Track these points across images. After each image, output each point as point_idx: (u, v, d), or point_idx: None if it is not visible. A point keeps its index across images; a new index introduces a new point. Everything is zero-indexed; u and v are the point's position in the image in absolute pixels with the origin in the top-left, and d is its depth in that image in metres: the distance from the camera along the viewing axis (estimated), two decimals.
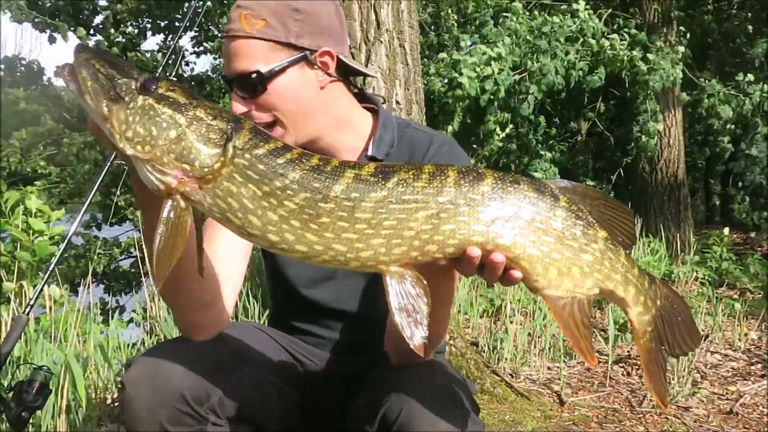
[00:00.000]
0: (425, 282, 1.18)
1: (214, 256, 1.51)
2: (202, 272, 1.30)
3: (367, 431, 1.44)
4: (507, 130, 6.77)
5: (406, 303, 1.16)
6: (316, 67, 1.58)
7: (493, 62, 6.22)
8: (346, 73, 1.68)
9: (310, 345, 1.76)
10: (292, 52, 1.56)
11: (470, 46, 6.54)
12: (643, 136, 7.46)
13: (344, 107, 1.66)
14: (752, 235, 9.01)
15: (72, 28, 8.84)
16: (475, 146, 7.38)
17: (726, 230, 7.69)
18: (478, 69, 6.17)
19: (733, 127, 8.50)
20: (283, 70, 1.55)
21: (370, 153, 1.66)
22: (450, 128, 6.58)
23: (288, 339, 1.76)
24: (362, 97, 1.76)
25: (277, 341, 1.74)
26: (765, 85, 7.33)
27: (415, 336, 1.15)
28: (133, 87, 1.16)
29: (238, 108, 1.56)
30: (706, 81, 7.78)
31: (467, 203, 1.16)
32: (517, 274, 1.21)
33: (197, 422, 1.40)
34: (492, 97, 6.29)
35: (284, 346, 1.74)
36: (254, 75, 1.54)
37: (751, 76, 7.29)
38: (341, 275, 1.73)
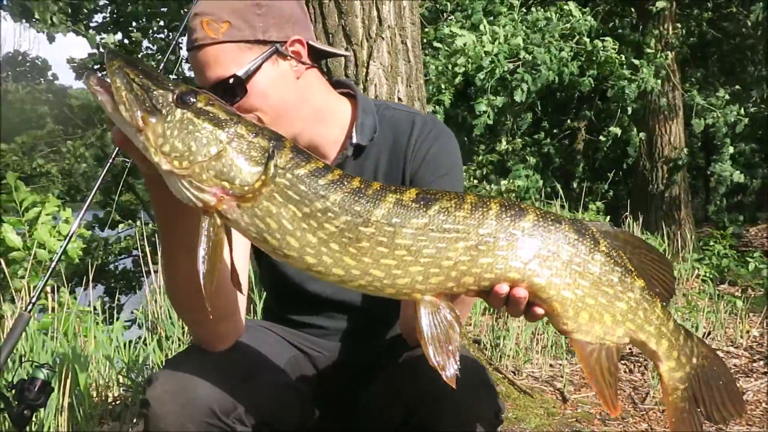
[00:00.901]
0: (457, 313, 1.17)
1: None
2: (239, 286, 1.26)
3: (391, 417, 1.43)
4: (484, 119, 6.70)
5: (438, 333, 1.15)
6: (289, 57, 1.55)
7: (490, 43, 6.17)
8: (317, 58, 1.66)
9: (315, 336, 1.75)
10: (263, 47, 1.53)
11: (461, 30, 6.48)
12: (631, 135, 7.51)
13: (322, 96, 1.64)
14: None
15: (71, 28, 8.83)
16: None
17: (731, 229, 7.70)
18: (476, 46, 6.10)
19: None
20: (258, 68, 1.52)
21: (354, 141, 1.64)
22: (440, 107, 6.51)
23: (291, 333, 1.75)
24: (336, 83, 1.74)
25: (283, 338, 1.74)
26: (742, 108, 7.39)
27: (449, 367, 1.15)
28: (171, 99, 1.12)
29: None
30: (690, 90, 7.83)
31: (507, 238, 1.15)
32: (539, 311, 1.20)
33: None
34: (486, 76, 6.23)
35: (290, 342, 1.73)
36: (232, 79, 1.50)
37: (726, 95, 7.35)
38: None
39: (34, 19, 8.60)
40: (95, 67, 9.75)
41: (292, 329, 1.76)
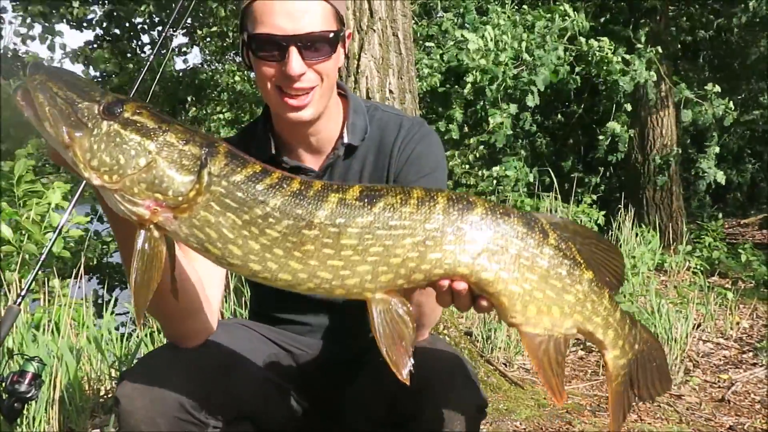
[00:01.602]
0: (410, 308, 1.15)
1: (194, 260, 1.45)
2: (176, 294, 1.23)
3: (375, 409, 1.44)
4: (504, 130, 6.74)
5: (391, 331, 1.14)
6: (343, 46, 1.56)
7: (496, 51, 6.19)
8: None
9: (297, 334, 1.75)
10: (340, 25, 1.52)
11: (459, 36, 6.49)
12: (621, 132, 7.53)
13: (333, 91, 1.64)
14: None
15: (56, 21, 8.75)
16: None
17: (720, 219, 7.74)
18: (482, 53, 6.11)
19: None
20: (344, 39, 1.51)
21: (346, 140, 1.64)
22: (453, 125, 6.55)
23: (275, 331, 1.75)
24: None
25: (265, 335, 1.74)
26: (731, 102, 7.41)
27: (402, 365, 1.14)
28: (96, 111, 1.08)
29: (299, 68, 1.45)
30: (677, 84, 7.84)
31: (455, 232, 1.13)
32: (485, 303, 1.18)
33: (198, 428, 1.39)
34: (497, 86, 6.26)
35: (272, 340, 1.73)
36: (332, 35, 1.46)
37: (718, 88, 7.37)
38: None
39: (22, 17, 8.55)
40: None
41: (274, 327, 1.76)
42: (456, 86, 6.51)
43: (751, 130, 9.23)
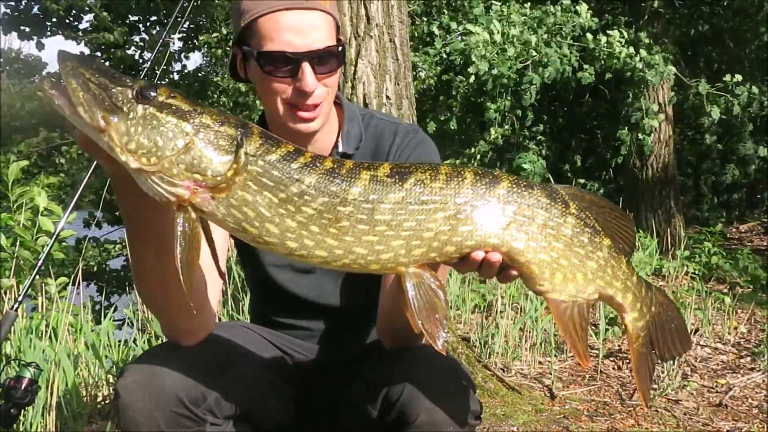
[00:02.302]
0: (442, 282, 1.19)
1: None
2: (224, 276, 1.25)
3: (369, 412, 1.44)
4: (496, 131, 6.73)
5: (425, 304, 1.17)
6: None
7: (503, 45, 6.18)
8: None
9: (297, 338, 1.77)
10: (339, 36, 1.54)
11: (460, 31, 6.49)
12: (640, 134, 7.50)
13: None
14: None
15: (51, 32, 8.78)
16: (464, 145, 7.36)
17: (719, 227, 7.74)
18: (488, 47, 6.10)
19: (716, 127, 8.60)
20: (344, 49, 1.53)
21: (341, 149, 1.65)
22: (451, 114, 6.54)
23: (274, 334, 1.76)
24: None
25: (265, 337, 1.75)
26: (753, 87, 7.40)
27: (439, 336, 1.17)
28: (130, 96, 1.09)
29: (314, 84, 1.47)
30: (696, 81, 7.83)
31: (484, 205, 1.18)
32: (513, 273, 1.23)
33: (195, 424, 1.40)
34: (498, 80, 6.24)
35: (272, 342, 1.74)
36: (339, 48, 1.50)
37: (738, 77, 7.34)
38: (320, 269, 1.73)
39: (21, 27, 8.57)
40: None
41: (275, 331, 1.77)
42: (458, 77, 6.49)
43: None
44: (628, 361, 3.86)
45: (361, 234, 1.14)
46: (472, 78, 6.34)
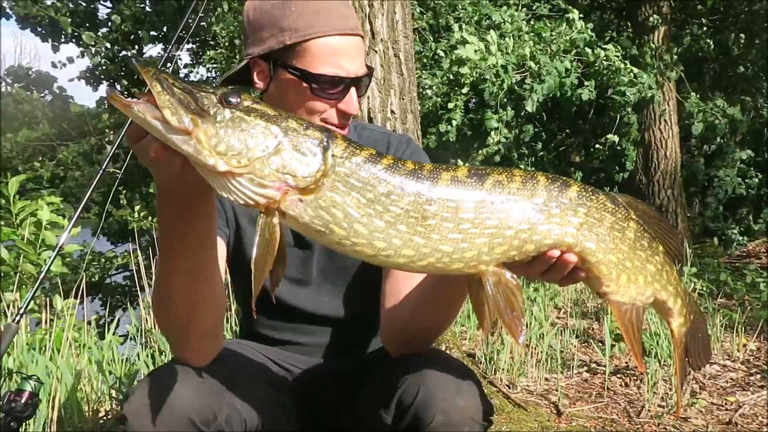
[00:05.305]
0: (518, 281, 1.23)
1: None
2: (278, 282, 1.22)
3: (383, 419, 1.43)
4: (498, 137, 6.69)
5: (505, 303, 1.21)
6: None
7: (493, 53, 6.17)
8: None
9: (295, 353, 1.75)
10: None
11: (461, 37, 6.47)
12: (628, 147, 7.52)
13: None
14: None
15: (73, 34, 8.89)
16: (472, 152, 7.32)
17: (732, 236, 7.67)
18: (480, 54, 6.10)
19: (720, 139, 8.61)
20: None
21: None
22: (451, 127, 6.51)
23: (272, 350, 1.75)
24: None
25: (265, 355, 1.73)
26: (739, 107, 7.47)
27: (519, 332, 1.20)
28: (215, 100, 1.10)
29: (356, 108, 1.57)
30: (687, 96, 7.86)
31: (558, 206, 1.22)
32: (582, 274, 1.27)
33: None
34: (495, 90, 6.24)
35: (271, 358, 1.73)
36: (371, 72, 1.60)
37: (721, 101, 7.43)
38: (317, 281, 1.72)
39: (38, 27, 8.69)
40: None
41: (271, 347, 1.75)
42: (456, 87, 6.51)
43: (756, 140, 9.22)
44: (635, 377, 3.82)
45: (447, 232, 1.17)
46: (466, 88, 6.35)
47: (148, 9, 9.43)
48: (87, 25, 9.23)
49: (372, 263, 1.21)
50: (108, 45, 9.38)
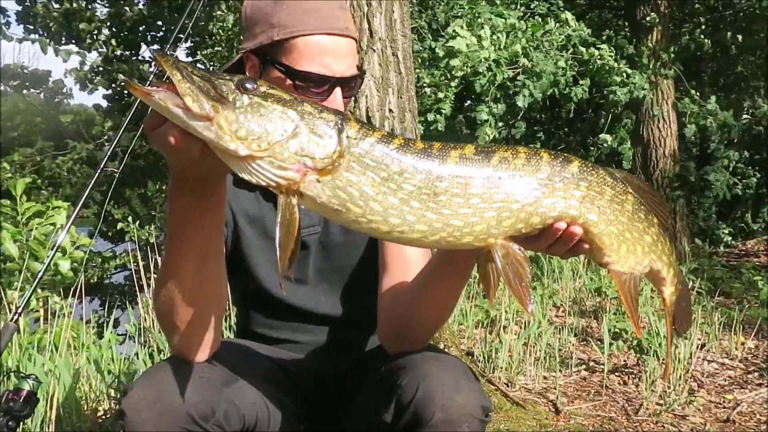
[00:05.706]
0: (525, 253, 1.28)
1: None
2: (293, 262, 1.23)
3: (383, 417, 1.43)
4: (492, 132, 6.67)
5: (514, 273, 1.25)
6: None
7: (486, 47, 6.15)
8: None
9: (293, 351, 1.75)
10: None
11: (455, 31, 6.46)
12: (624, 147, 7.51)
13: None
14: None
15: (54, 43, 8.87)
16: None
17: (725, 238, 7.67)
18: (471, 48, 6.08)
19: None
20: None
21: None
22: (439, 116, 6.48)
23: (269, 349, 1.75)
24: None
25: (262, 352, 1.73)
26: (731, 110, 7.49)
27: (527, 302, 1.25)
28: (233, 87, 1.14)
29: (341, 108, 1.57)
30: (680, 96, 7.87)
31: (561, 180, 1.27)
32: (585, 246, 1.32)
33: None
34: (487, 83, 6.22)
35: (269, 356, 1.73)
36: (362, 74, 1.61)
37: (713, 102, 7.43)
38: (314, 280, 1.73)
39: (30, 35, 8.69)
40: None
41: (268, 346, 1.76)
42: (445, 78, 6.49)
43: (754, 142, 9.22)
44: (633, 375, 3.83)
45: (458, 207, 1.22)
46: (456, 81, 6.34)
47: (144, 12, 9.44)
48: (73, 42, 9.27)
49: (386, 240, 1.24)
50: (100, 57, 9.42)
